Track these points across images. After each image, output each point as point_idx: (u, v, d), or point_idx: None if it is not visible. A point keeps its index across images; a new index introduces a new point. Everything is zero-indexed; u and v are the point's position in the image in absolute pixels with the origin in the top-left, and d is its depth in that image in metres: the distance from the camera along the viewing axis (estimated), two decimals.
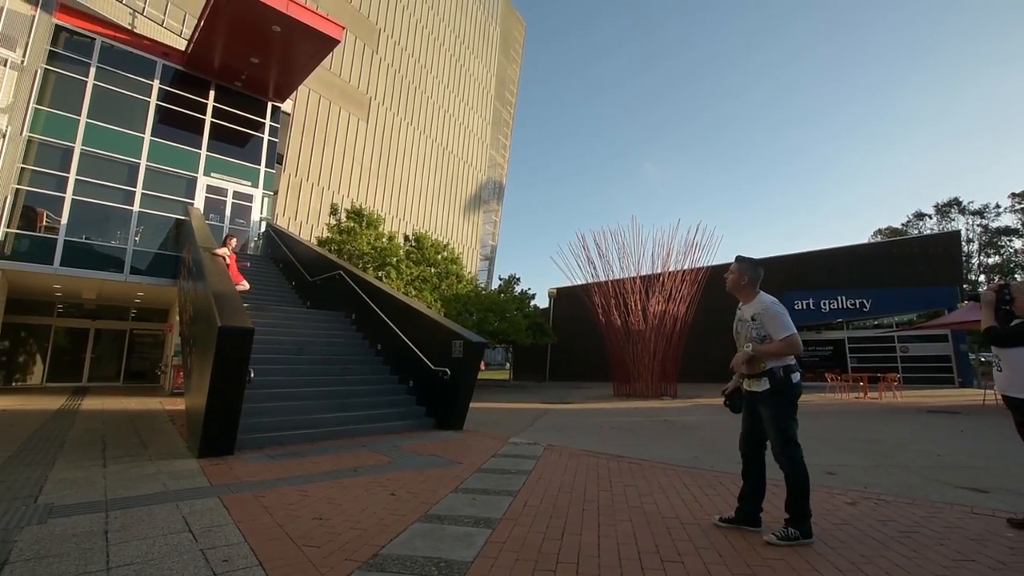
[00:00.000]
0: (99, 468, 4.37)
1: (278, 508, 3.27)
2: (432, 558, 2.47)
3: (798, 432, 2.96)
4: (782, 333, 2.93)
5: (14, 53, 10.99)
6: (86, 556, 2.37)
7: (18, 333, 15.46)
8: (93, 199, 12.49)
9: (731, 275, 3.26)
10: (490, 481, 4.21)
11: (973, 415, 9.96)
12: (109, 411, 9.24)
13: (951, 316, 14.83)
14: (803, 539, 2.74)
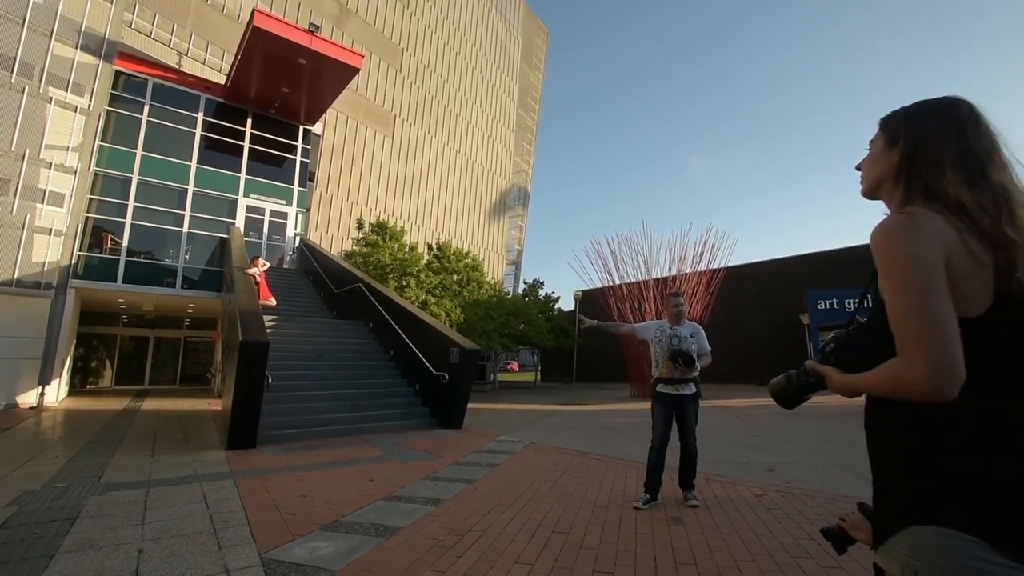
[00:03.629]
0: (148, 457, 5.41)
1: (276, 488, 4.13)
2: (376, 524, 3.25)
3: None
4: (709, 348, 3.99)
5: (82, 99, 12.64)
6: (130, 515, 3.29)
7: (90, 342, 17.43)
8: (149, 223, 14.08)
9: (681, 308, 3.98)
10: (459, 472, 4.95)
11: None
12: (164, 411, 10.58)
13: None
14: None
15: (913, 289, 0.81)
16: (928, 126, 0.93)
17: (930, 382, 0.78)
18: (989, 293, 0.83)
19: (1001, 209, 0.84)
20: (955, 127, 0.91)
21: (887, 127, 0.99)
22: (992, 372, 0.82)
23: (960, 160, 0.88)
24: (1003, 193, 0.85)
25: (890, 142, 0.98)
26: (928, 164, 0.91)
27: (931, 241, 0.82)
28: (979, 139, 0.89)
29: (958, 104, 0.93)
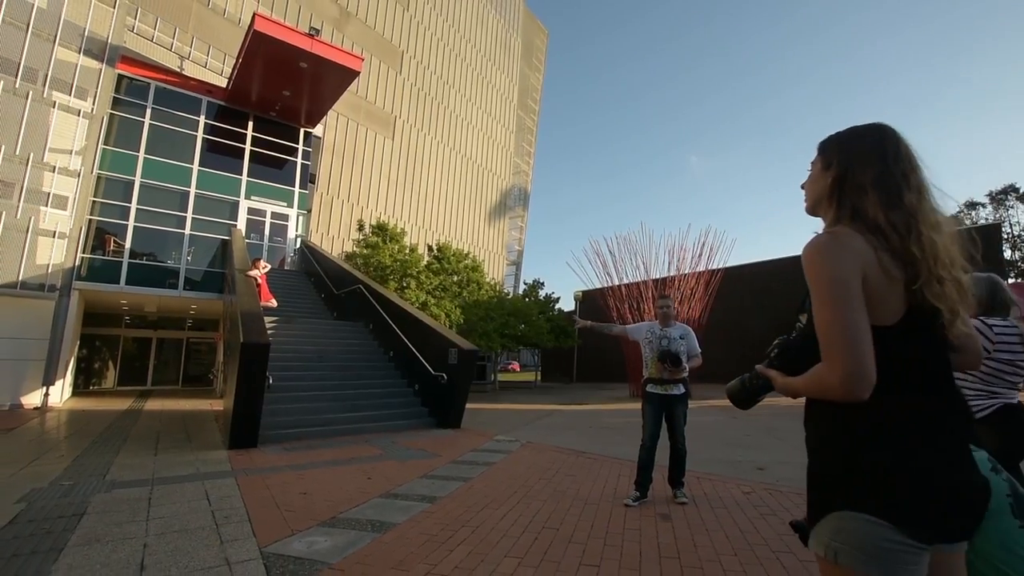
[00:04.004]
0: (151, 456, 5.53)
1: (276, 486, 4.24)
2: (373, 520, 3.35)
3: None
4: (699, 349, 4.09)
5: (85, 103, 12.77)
6: (134, 511, 3.40)
7: (93, 343, 17.57)
8: (151, 225, 14.21)
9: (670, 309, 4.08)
10: (455, 470, 5.06)
11: None
12: (167, 411, 10.70)
13: None
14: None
15: (832, 302, 0.91)
16: (855, 152, 1.03)
17: (845, 385, 0.88)
18: (902, 304, 0.93)
19: (911, 229, 0.94)
20: (878, 153, 1.01)
21: (824, 152, 1.10)
22: (904, 375, 0.93)
23: (879, 183, 0.98)
24: (913, 214, 0.96)
25: (825, 166, 1.08)
26: (854, 187, 1.01)
27: (850, 259, 0.92)
28: (897, 164, 0.99)
29: (882, 131, 1.04)
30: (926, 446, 0.90)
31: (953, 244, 0.97)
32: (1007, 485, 1.42)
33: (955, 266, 0.96)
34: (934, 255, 0.93)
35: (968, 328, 1.03)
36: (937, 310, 0.93)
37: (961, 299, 0.96)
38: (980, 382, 2.08)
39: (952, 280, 0.94)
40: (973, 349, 1.09)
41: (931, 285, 0.92)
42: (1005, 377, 2.06)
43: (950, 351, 1.06)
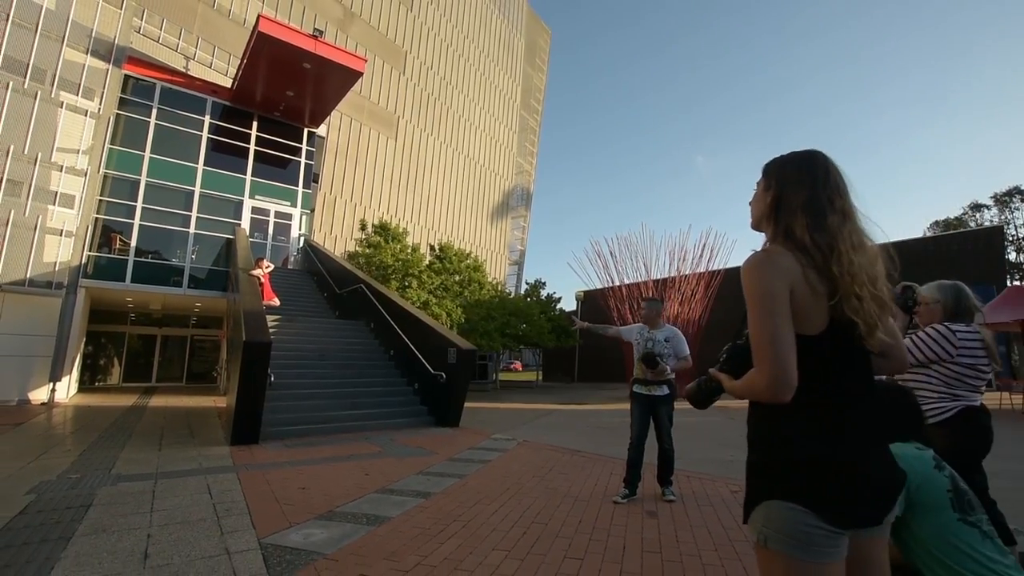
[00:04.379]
0: (155, 451, 5.67)
1: (276, 481, 4.36)
2: (368, 515, 3.47)
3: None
4: (687, 352, 4.12)
5: (92, 103, 12.95)
6: (139, 503, 3.54)
7: (99, 340, 17.78)
8: (157, 224, 14.38)
9: (650, 312, 4.16)
10: (451, 468, 5.17)
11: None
12: (171, 407, 10.86)
13: None
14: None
15: (762, 314, 1.01)
16: (790, 176, 1.14)
17: (770, 388, 0.99)
18: (825, 316, 1.04)
19: (833, 249, 1.05)
20: (808, 179, 1.11)
21: (765, 174, 1.20)
22: (826, 379, 1.03)
23: (807, 207, 1.09)
24: (835, 236, 1.06)
25: (766, 187, 1.18)
26: (788, 209, 1.12)
27: (779, 276, 1.03)
28: (824, 189, 1.10)
29: (814, 158, 1.14)
30: (843, 443, 1.00)
31: (874, 264, 1.08)
32: (948, 481, 1.53)
33: (875, 284, 1.07)
34: (852, 273, 1.03)
35: (890, 338, 1.13)
36: (855, 322, 1.03)
37: (881, 313, 1.07)
38: (944, 385, 2.17)
39: (871, 296, 1.05)
40: (898, 356, 1.19)
41: (849, 300, 1.03)
42: (967, 380, 2.15)
43: (877, 357, 1.16)
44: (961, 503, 1.49)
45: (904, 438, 1.68)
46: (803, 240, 1.07)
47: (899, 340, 1.18)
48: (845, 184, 1.12)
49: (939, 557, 1.47)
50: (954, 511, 1.48)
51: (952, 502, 1.49)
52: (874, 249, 1.10)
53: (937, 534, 1.47)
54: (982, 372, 2.16)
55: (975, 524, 1.47)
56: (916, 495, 1.51)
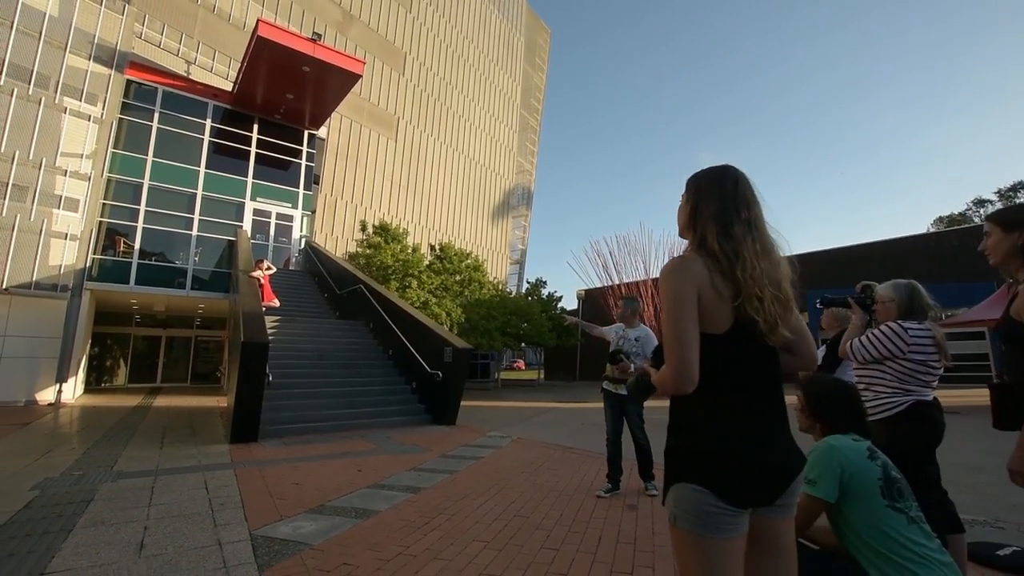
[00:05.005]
0: (157, 449, 5.82)
1: (271, 477, 4.50)
2: (358, 508, 3.60)
3: None
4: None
5: (96, 108, 13.14)
6: (138, 498, 3.68)
7: (105, 341, 18.02)
8: (160, 226, 14.58)
9: (625, 311, 4.24)
10: (443, 464, 5.30)
11: (972, 415, 10.02)
12: (174, 407, 11.05)
13: (969, 313, 14.48)
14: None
15: (670, 315, 1.13)
16: (704, 187, 1.25)
17: (673, 381, 1.10)
18: (730, 316, 1.15)
19: (738, 255, 1.16)
20: (719, 190, 1.23)
21: (687, 186, 1.31)
22: (729, 373, 1.14)
23: (717, 217, 1.20)
24: (740, 243, 1.17)
25: (686, 199, 1.30)
26: (701, 218, 1.23)
27: (688, 281, 1.14)
28: (733, 201, 1.21)
29: (726, 171, 1.26)
30: (741, 432, 1.11)
31: (777, 269, 1.19)
32: (880, 470, 1.64)
33: (778, 286, 1.18)
34: (754, 277, 1.14)
35: (795, 335, 1.24)
36: (755, 321, 1.14)
37: (784, 312, 1.18)
38: (896, 380, 2.27)
39: (772, 297, 1.16)
40: (805, 353, 1.30)
41: (751, 301, 1.14)
42: (919, 376, 2.25)
43: (786, 353, 1.27)
44: (890, 491, 1.60)
45: (845, 430, 1.78)
46: (713, 247, 1.18)
47: (804, 337, 1.29)
48: (753, 196, 1.23)
49: (867, 541, 1.58)
50: (883, 498, 1.58)
51: (882, 490, 1.59)
52: (777, 255, 1.22)
53: (867, 519, 1.58)
54: (933, 368, 2.26)
55: (903, 510, 1.57)
56: (849, 483, 1.61)
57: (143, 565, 2.50)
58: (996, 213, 1.78)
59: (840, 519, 1.65)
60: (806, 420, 1.89)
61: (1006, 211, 1.77)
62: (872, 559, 1.56)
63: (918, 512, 1.62)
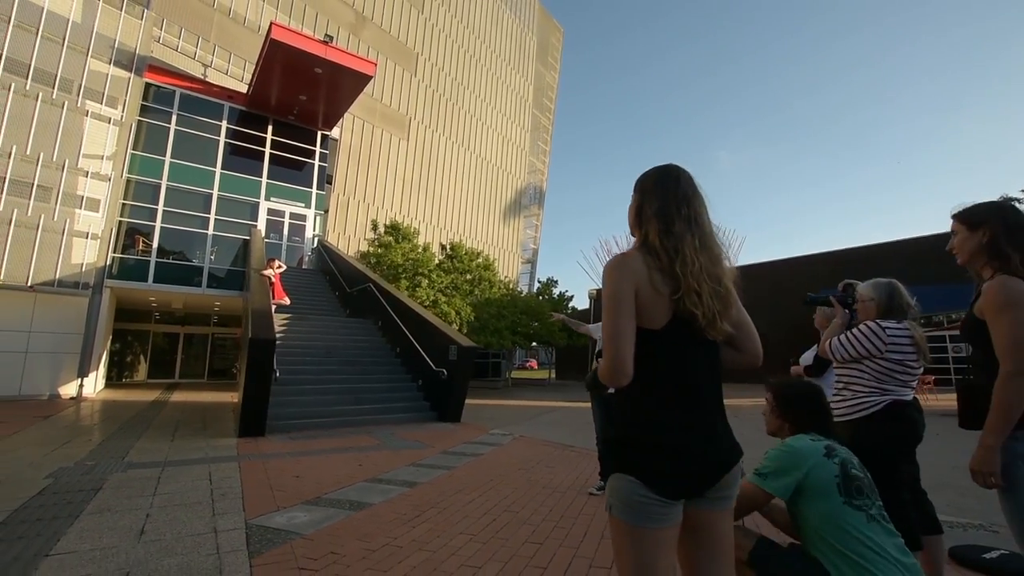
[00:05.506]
0: (167, 442, 6.02)
1: (273, 470, 4.63)
2: (352, 501, 3.69)
3: None
4: None
5: (116, 110, 13.54)
6: (144, 487, 3.83)
7: (125, 338, 18.54)
8: (177, 226, 14.96)
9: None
10: (443, 460, 5.38)
11: None
12: (190, 402, 11.34)
13: None
14: None
15: (608, 310, 1.17)
16: (648, 186, 1.30)
17: (608, 374, 1.15)
18: (669, 312, 1.18)
19: (678, 251, 1.19)
20: (661, 188, 1.27)
21: (634, 186, 1.35)
22: (664, 367, 1.18)
23: (658, 214, 1.24)
24: (680, 239, 1.21)
25: (634, 198, 1.34)
26: (645, 216, 1.27)
27: (626, 278, 1.18)
28: (674, 199, 1.25)
29: (667, 170, 1.30)
30: (673, 424, 1.15)
31: (716, 264, 1.22)
32: (837, 468, 1.67)
33: (719, 281, 1.21)
34: (693, 273, 1.18)
35: (737, 330, 1.27)
36: (694, 315, 1.18)
37: (724, 307, 1.20)
38: (874, 380, 2.27)
39: (711, 292, 1.19)
40: (749, 348, 1.32)
41: (689, 295, 1.17)
42: (896, 376, 2.25)
43: (732, 349, 1.30)
44: (848, 488, 1.62)
45: (810, 431, 1.81)
46: (653, 244, 1.22)
47: (748, 333, 1.31)
48: (694, 193, 1.27)
49: (825, 538, 1.60)
50: (841, 495, 1.60)
51: (839, 487, 1.61)
52: (718, 251, 1.25)
53: (825, 516, 1.60)
54: (911, 368, 2.25)
55: (861, 508, 1.59)
56: (805, 481, 1.64)
57: (140, 549, 2.62)
58: (961, 212, 1.78)
59: (799, 517, 1.68)
60: (775, 421, 1.92)
61: (970, 210, 1.77)
62: (830, 556, 1.58)
63: (880, 511, 1.64)
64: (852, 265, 20.61)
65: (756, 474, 1.71)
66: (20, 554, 2.54)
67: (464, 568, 2.51)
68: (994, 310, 1.57)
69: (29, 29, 12.20)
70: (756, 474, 1.71)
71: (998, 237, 1.66)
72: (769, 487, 1.65)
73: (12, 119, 11.76)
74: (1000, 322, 1.55)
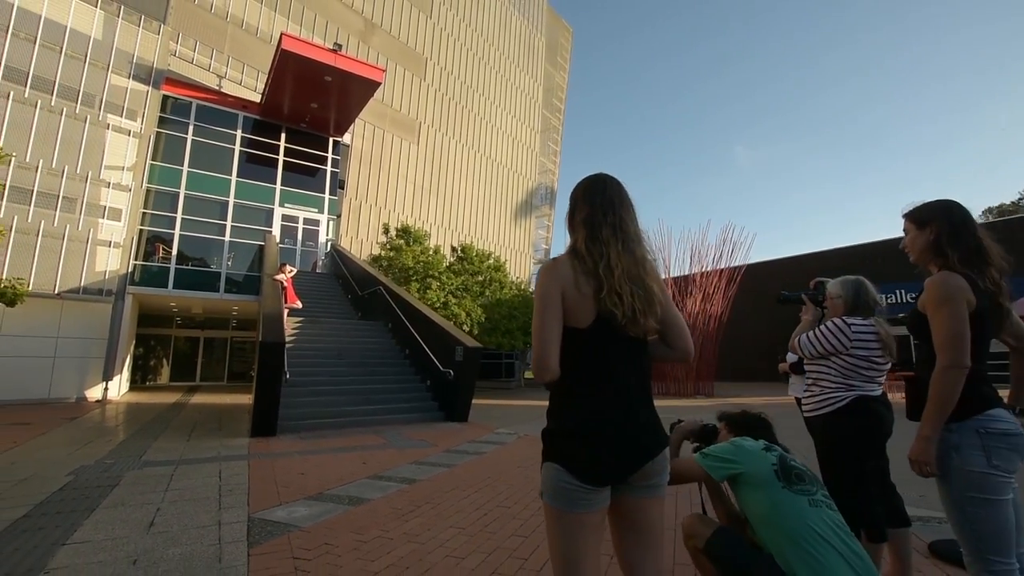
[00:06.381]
0: (183, 442, 6.27)
1: (281, 467, 4.82)
2: (352, 496, 3.85)
3: None
4: None
5: (135, 123, 14.04)
6: (157, 483, 4.04)
7: (148, 342, 19.15)
8: (195, 233, 15.42)
9: None
10: (445, 458, 5.51)
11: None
12: (209, 404, 11.70)
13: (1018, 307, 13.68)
14: None
15: (536, 313, 1.28)
16: (578, 195, 1.40)
17: (535, 371, 1.26)
18: (592, 313, 1.29)
19: (602, 256, 1.30)
20: (588, 197, 1.38)
21: (569, 195, 1.46)
22: (589, 363, 1.29)
23: (586, 221, 1.35)
24: (605, 245, 1.31)
25: (568, 206, 1.45)
26: (574, 223, 1.38)
27: (554, 280, 1.29)
28: (600, 207, 1.35)
29: (595, 180, 1.40)
30: (594, 415, 1.25)
31: (639, 267, 1.32)
32: (775, 458, 1.76)
33: (641, 282, 1.30)
34: (615, 275, 1.27)
35: (665, 328, 1.37)
36: (614, 314, 1.27)
37: (644, 307, 1.29)
38: (840, 376, 2.33)
39: (632, 292, 1.28)
40: (679, 346, 1.41)
41: (610, 296, 1.27)
42: (862, 372, 2.30)
43: (663, 346, 1.40)
44: (787, 476, 1.70)
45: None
46: (580, 249, 1.33)
47: (678, 330, 1.39)
48: (620, 200, 1.37)
49: (769, 522, 1.69)
50: (780, 481, 1.69)
51: (777, 474, 1.70)
52: (642, 254, 1.34)
53: (767, 503, 1.69)
54: (876, 364, 2.30)
55: (802, 493, 1.67)
56: (746, 472, 1.75)
57: (148, 540, 2.80)
58: (911, 211, 1.84)
59: (746, 508, 1.78)
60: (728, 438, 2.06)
61: (919, 209, 1.82)
62: (776, 540, 1.66)
63: (825, 497, 1.71)
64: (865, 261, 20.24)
65: (700, 453, 1.87)
66: (40, 543, 2.74)
67: (448, 559, 2.64)
68: (933, 305, 1.63)
69: (53, 48, 12.73)
70: (700, 453, 1.87)
71: (941, 235, 1.72)
72: (704, 463, 1.79)
73: (39, 134, 12.29)
74: (937, 317, 1.61)
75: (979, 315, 1.59)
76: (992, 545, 1.48)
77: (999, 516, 1.49)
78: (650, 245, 1.40)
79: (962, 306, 1.57)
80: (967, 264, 1.67)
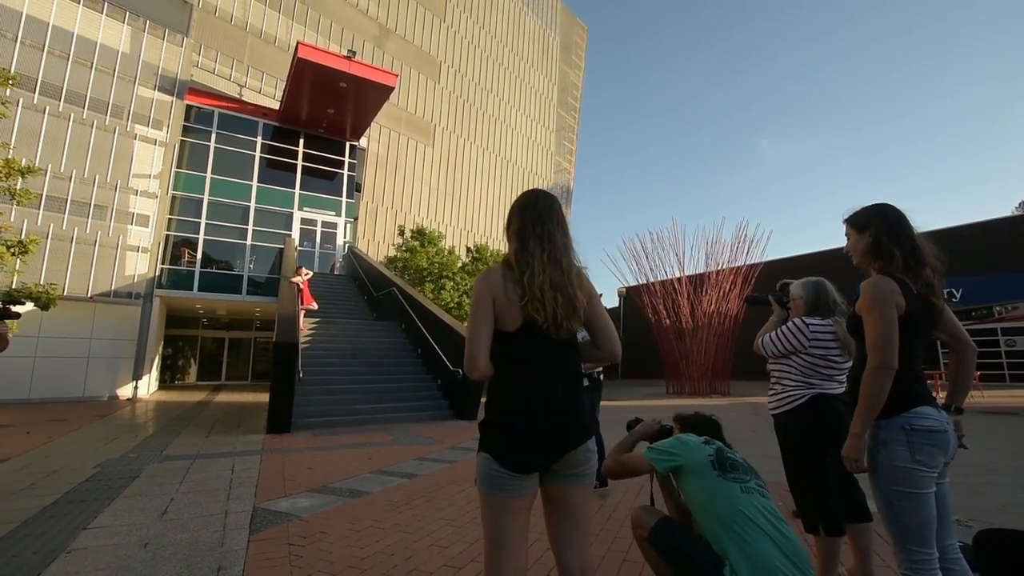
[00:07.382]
0: (203, 438, 6.61)
1: (290, 462, 5.06)
2: (354, 490, 4.05)
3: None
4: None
5: (161, 132, 14.66)
6: (174, 476, 4.33)
7: (176, 343, 19.93)
8: (218, 237, 16.01)
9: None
10: (449, 455, 5.69)
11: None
12: (231, 402, 12.17)
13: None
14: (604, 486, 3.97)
15: (470, 315, 1.43)
16: (514, 210, 1.54)
17: (465, 368, 1.40)
18: (519, 318, 1.42)
19: (529, 265, 1.43)
20: (518, 211, 1.51)
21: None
22: (515, 362, 1.42)
23: (518, 232, 1.48)
24: (532, 255, 1.44)
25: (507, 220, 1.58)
26: (509, 235, 1.51)
27: (486, 287, 1.43)
28: (530, 219, 1.48)
29: (528, 196, 1.54)
30: (518, 409, 1.39)
31: (566, 274, 1.44)
32: (712, 450, 1.89)
33: (563, 290, 1.42)
34: (538, 283, 1.40)
35: (592, 332, 1.49)
36: (536, 319, 1.40)
37: (567, 313, 1.41)
38: (799, 374, 2.41)
39: (555, 299, 1.40)
40: (605, 347, 1.53)
41: (533, 303, 1.40)
42: (820, 370, 2.37)
43: (594, 348, 1.52)
44: (722, 465, 1.82)
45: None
46: (511, 259, 1.47)
47: (604, 334, 1.51)
48: (548, 214, 1.50)
49: (705, 509, 1.81)
50: (715, 470, 1.81)
51: (712, 464, 1.82)
52: (568, 263, 1.47)
53: (703, 491, 1.81)
54: (834, 363, 2.37)
55: (736, 481, 1.79)
56: (685, 463, 1.88)
57: (160, 526, 3.04)
58: (850, 216, 1.92)
59: (687, 498, 1.90)
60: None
61: (857, 213, 1.89)
62: (711, 526, 1.78)
63: (759, 486, 1.82)
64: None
65: (648, 447, 2.01)
66: (65, 527, 3.01)
67: (432, 548, 2.80)
68: (865, 308, 1.72)
69: (85, 63, 13.39)
70: (648, 447, 2.01)
71: (880, 237, 1.80)
72: (650, 457, 1.93)
73: (72, 146, 12.95)
74: (868, 320, 1.69)
75: (909, 317, 1.67)
76: (913, 536, 1.56)
77: (921, 509, 1.57)
78: (578, 256, 1.53)
79: (891, 309, 1.65)
80: (905, 265, 1.74)
